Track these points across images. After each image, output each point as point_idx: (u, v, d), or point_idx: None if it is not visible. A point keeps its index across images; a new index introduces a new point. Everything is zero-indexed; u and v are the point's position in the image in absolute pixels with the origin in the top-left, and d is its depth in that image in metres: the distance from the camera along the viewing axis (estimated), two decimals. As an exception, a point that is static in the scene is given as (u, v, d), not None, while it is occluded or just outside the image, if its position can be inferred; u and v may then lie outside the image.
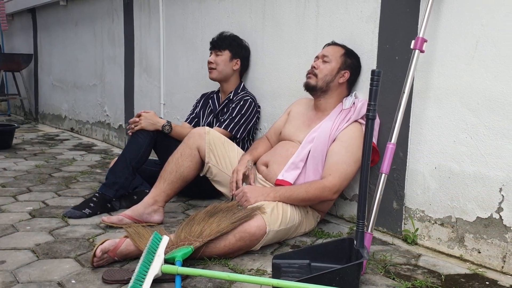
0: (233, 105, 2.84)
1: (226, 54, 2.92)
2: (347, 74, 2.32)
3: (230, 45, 2.95)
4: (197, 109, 3.11)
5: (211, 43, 2.99)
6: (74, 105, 5.57)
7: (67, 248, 2.03)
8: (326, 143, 2.21)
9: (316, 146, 2.22)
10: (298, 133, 2.35)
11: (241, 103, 2.83)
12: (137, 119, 2.70)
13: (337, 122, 2.25)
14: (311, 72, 2.34)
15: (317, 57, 2.37)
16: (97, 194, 2.53)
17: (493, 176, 1.90)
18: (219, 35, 2.99)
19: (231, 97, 2.92)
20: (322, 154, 2.21)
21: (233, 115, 2.79)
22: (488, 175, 1.92)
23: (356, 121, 2.25)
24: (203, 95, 3.17)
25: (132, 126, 2.69)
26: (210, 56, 2.96)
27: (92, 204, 2.48)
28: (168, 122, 2.74)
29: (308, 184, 2.15)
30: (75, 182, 3.18)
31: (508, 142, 1.85)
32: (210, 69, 2.93)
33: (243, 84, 3.00)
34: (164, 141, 2.72)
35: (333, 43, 2.40)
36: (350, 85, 2.38)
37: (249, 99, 2.86)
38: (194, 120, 3.09)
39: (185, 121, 3.12)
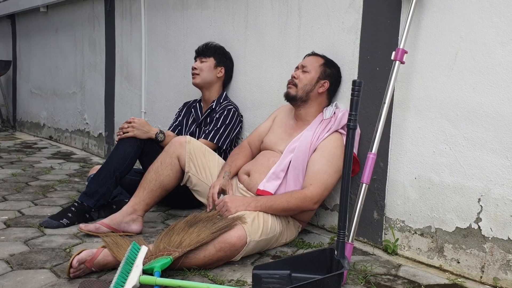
0: (217, 116, 2.82)
1: (210, 61, 2.92)
2: (326, 84, 2.33)
3: (215, 52, 2.95)
4: (180, 118, 3.09)
5: (196, 51, 2.98)
6: (53, 113, 5.49)
7: (43, 258, 1.98)
8: (307, 153, 2.21)
9: (297, 156, 2.22)
10: (280, 143, 2.35)
11: (225, 113, 2.81)
12: (125, 125, 2.62)
13: (318, 132, 2.25)
14: (291, 82, 2.35)
15: (297, 67, 2.39)
16: (76, 204, 2.47)
17: (472, 186, 1.92)
18: (205, 44, 2.98)
19: (213, 107, 2.90)
20: (303, 164, 2.21)
21: (218, 126, 2.77)
22: (467, 185, 1.94)
23: (336, 131, 2.26)
24: (185, 104, 3.15)
25: (121, 132, 2.61)
26: (194, 63, 2.95)
27: (70, 214, 2.42)
28: (161, 130, 2.70)
29: (289, 194, 2.15)
30: (52, 191, 3.12)
31: (486, 153, 1.88)
32: (194, 74, 2.91)
33: (226, 94, 2.99)
34: (152, 151, 2.63)
35: (313, 54, 2.42)
36: (331, 95, 2.39)
37: (232, 108, 2.84)
38: (178, 128, 3.07)
39: (169, 129, 3.10)
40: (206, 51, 2.94)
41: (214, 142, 2.73)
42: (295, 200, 2.12)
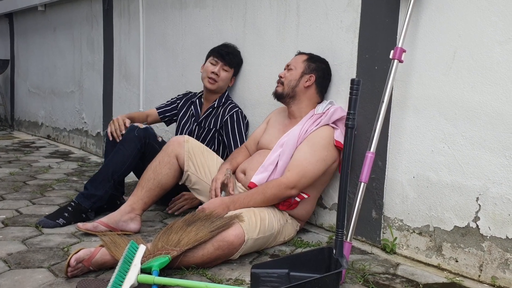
0: (229, 124, 2.78)
1: (231, 72, 2.90)
2: (312, 78, 2.34)
3: (238, 64, 2.93)
4: (177, 110, 3.05)
5: (219, 52, 2.87)
6: (51, 112, 5.48)
7: (41, 257, 1.98)
8: (295, 146, 2.22)
9: (285, 150, 2.23)
10: (274, 141, 2.35)
11: (235, 118, 2.79)
12: (117, 128, 2.60)
13: (306, 126, 2.26)
14: (278, 81, 2.40)
15: (284, 68, 2.41)
16: (72, 204, 2.47)
17: (470, 185, 1.92)
18: (229, 48, 2.91)
19: (215, 105, 2.89)
20: (290, 157, 2.21)
21: (233, 134, 2.76)
22: (465, 184, 1.94)
23: (327, 124, 2.26)
24: (185, 95, 3.10)
25: (112, 128, 2.60)
26: (213, 64, 2.86)
27: (66, 214, 2.41)
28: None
29: (265, 184, 2.16)
30: (50, 190, 3.11)
31: (484, 151, 1.88)
32: (212, 79, 2.83)
33: (227, 93, 2.97)
34: (152, 154, 2.56)
35: (299, 53, 2.45)
36: (320, 89, 2.38)
37: (238, 110, 2.84)
38: (166, 114, 3.03)
39: (158, 108, 3.06)
40: (232, 61, 2.88)
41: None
42: (270, 189, 2.12)
